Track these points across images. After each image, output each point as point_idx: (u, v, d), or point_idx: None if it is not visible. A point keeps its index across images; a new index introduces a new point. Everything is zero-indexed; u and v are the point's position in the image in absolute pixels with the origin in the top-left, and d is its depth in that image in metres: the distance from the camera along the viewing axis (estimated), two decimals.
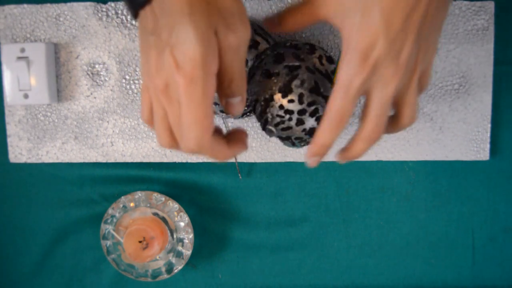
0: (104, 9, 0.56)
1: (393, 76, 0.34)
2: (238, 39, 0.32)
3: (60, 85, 0.57)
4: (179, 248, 0.58)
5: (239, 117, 0.54)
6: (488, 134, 0.56)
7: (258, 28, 0.53)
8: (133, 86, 0.57)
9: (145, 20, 0.33)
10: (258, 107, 0.45)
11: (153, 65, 0.33)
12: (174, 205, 0.57)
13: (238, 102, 0.36)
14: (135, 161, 0.58)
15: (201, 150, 0.34)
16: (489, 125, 0.56)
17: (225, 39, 0.32)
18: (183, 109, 0.32)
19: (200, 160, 0.58)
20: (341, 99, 0.34)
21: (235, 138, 0.38)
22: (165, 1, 0.31)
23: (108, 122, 0.58)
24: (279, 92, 0.43)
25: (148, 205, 0.58)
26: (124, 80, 0.57)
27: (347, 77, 0.33)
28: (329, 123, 0.35)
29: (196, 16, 0.31)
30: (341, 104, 0.34)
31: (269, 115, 0.45)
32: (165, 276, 0.58)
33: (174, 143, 0.36)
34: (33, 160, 0.58)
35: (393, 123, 0.39)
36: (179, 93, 0.32)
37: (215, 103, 0.51)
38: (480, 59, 0.55)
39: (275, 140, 0.57)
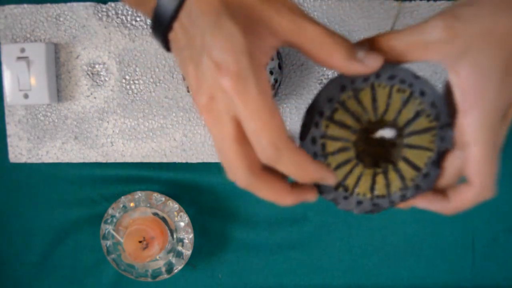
0: (104, 9, 0.56)
1: None
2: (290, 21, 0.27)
3: (60, 85, 0.57)
4: (179, 248, 0.58)
5: None
6: None
7: None
8: (133, 86, 0.57)
9: (177, 40, 0.29)
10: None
11: (193, 82, 0.28)
12: (174, 205, 0.57)
13: None
14: (135, 161, 0.58)
15: (280, 155, 0.27)
16: None
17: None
18: (241, 114, 0.26)
19: (200, 160, 0.58)
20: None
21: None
22: (193, 8, 0.27)
23: (108, 122, 0.58)
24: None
25: (148, 205, 0.57)
26: (124, 80, 0.57)
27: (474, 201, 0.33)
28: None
29: (230, 9, 0.26)
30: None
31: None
32: (165, 276, 0.58)
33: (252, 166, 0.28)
34: (33, 160, 0.58)
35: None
36: (231, 98, 0.26)
37: None
38: None
39: None
